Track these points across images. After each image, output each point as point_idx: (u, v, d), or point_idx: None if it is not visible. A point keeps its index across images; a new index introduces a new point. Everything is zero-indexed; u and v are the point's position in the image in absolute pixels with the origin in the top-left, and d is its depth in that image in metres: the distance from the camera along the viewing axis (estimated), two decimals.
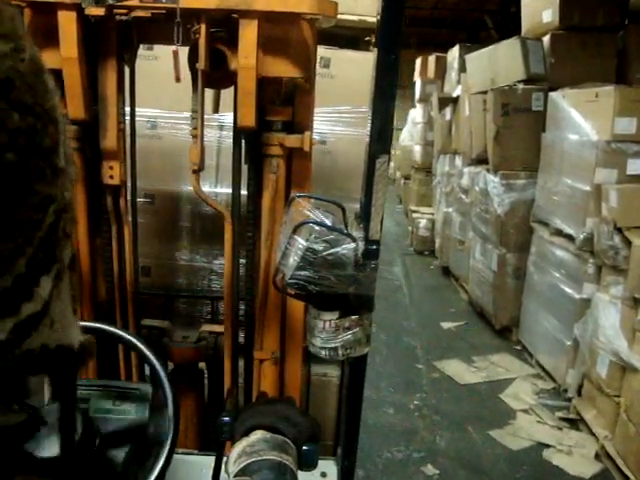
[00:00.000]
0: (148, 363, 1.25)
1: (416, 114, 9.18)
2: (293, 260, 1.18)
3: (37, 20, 1.41)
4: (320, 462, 1.26)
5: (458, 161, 6.41)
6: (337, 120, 2.32)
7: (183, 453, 1.59)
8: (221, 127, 2.23)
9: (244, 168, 1.62)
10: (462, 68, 6.22)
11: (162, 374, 1.23)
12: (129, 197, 1.71)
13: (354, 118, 2.32)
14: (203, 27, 1.37)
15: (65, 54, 1.39)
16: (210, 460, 1.29)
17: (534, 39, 4.84)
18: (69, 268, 0.60)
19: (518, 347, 4.97)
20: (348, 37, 2.43)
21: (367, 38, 2.46)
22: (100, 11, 1.35)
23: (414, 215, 8.20)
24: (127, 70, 1.60)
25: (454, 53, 6.94)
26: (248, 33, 1.36)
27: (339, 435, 1.48)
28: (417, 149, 8.89)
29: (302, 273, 1.18)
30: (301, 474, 1.12)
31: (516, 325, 5.03)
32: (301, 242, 1.18)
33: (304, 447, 1.14)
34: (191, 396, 2.01)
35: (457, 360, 4.74)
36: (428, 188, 8.37)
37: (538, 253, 4.59)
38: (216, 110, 1.66)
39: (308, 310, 1.29)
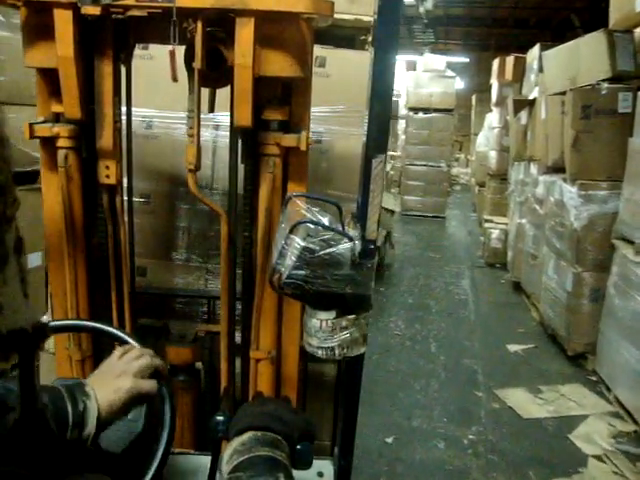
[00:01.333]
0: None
1: (492, 118, 8.88)
2: (290, 260, 1.18)
3: (33, 19, 1.41)
4: (317, 462, 1.26)
5: (533, 169, 5.98)
6: (333, 119, 2.32)
7: (179, 453, 1.59)
8: (217, 127, 2.22)
9: (240, 167, 1.62)
10: (542, 68, 5.72)
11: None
12: (125, 197, 1.71)
13: (350, 117, 2.32)
14: (199, 26, 1.37)
15: (61, 53, 1.39)
16: (206, 460, 1.29)
17: (623, 31, 4.32)
18: (16, 251, 0.60)
19: (593, 378, 4.36)
20: (344, 36, 2.43)
21: (363, 37, 2.47)
22: (96, 10, 1.35)
23: (487, 225, 7.79)
24: (123, 69, 1.59)
25: (534, 53, 6.33)
26: (244, 32, 1.36)
27: (336, 435, 1.48)
28: (492, 155, 8.53)
29: (299, 273, 1.18)
30: (297, 474, 1.12)
31: (592, 353, 4.46)
32: (298, 242, 1.18)
33: (298, 446, 1.14)
34: (187, 396, 2.01)
35: (522, 389, 4.22)
36: (503, 197, 7.95)
37: (620, 274, 4.05)
38: (212, 109, 1.66)
39: (305, 310, 1.29)
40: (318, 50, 2.14)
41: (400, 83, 11.62)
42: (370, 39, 2.37)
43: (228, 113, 1.52)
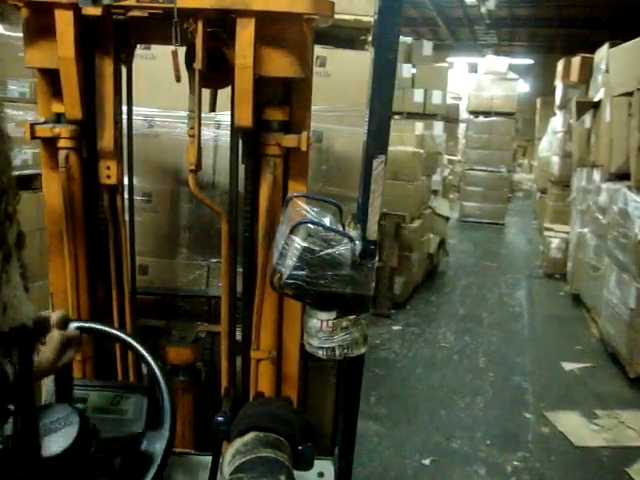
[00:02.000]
0: (145, 362, 1.25)
1: (556, 122, 8.47)
2: (290, 260, 1.18)
3: (34, 19, 1.41)
4: (317, 462, 1.26)
5: (596, 175, 5.60)
6: (334, 119, 2.32)
7: (180, 453, 1.59)
8: (218, 126, 2.22)
9: (241, 167, 1.62)
10: (608, 69, 5.33)
11: (159, 373, 1.23)
12: (126, 196, 1.71)
13: (350, 117, 2.32)
14: (200, 27, 1.37)
15: (62, 53, 1.39)
16: (207, 460, 1.29)
17: None
18: (17, 246, 0.60)
19: None
20: (344, 36, 2.43)
21: (363, 37, 2.47)
22: (97, 11, 1.35)
23: (547, 233, 7.35)
24: (124, 69, 1.59)
25: (602, 52, 5.84)
26: (245, 32, 1.36)
27: (336, 435, 1.48)
28: (555, 160, 8.10)
29: (299, 273, 1.18)
30: (298, 474, 1.12)
31: None
32: (298, 242, 1.18)
33: (300, 447, 1.14)
34: (188, 396, 2.01)
35: (575, 413, 3.78)
36: (565, 204, 7.45)
37: None
38: (213, 109, 1.66)
39: (305, 310, 1.29)
40: (318, 50, 2.14)
41: (461, 86, 11.44)
42: (370, 39, 2.37)
43: (229, 113, 1.53)
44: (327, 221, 1.22)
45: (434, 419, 3.69)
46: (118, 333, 1.35)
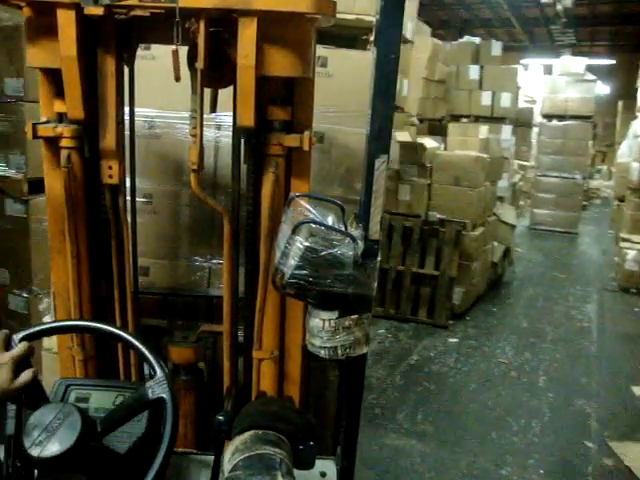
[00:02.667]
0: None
1: (637, 126, 7.90)
2: (292, 259, 1.18)
3: (36, 19, 1.41)
4: (319, 462, 1.26)
5: None
6: (335, 119, 2.32)
7: (182, 452, 1.59)
8: (219, 127, 2.23)
9: (243, 167, 1.62)
10: None
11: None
12: (128, 196, 1.71)
13: (352, 117, 2.32)
14: (202, 26, 1.37)
15: (64, 53, 1.39)
16: (209, 459, 1.30)
17: None
18: None
19: None
20: (345, 36, 2.43)
21: (364, 37, 2.47)
22: (99, 10, 1.35)
23: (623, 244, 6.84)
24: (126, 69, 1.60)
25: None
26: (247, 32, 1.36)
27: (338, 435, 1.48)
28: (635, 166, 7.46)
29: (301, 273, 1.18)
30: (300, 473, 1.12)
31: None
32: (300, 242, 1.18)
33: (301, 446, 1.14)
34: (190, 395, 2.01)
35: None
36: None
37: None
38: (213, 110, 1.66)
39: (307, 310, 1.29)
40: (320, 50, 2.14)
41: (536, 89, 10.77)
42: (372, 39, 2.37)
43: (231, 113, 1.53)
44: (329, 221, 1.23)
45: (484, 442, 3.40)
46: (63, 324, 1.35)
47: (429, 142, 5.51)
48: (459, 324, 5.22)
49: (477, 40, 7.51)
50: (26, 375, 1.10)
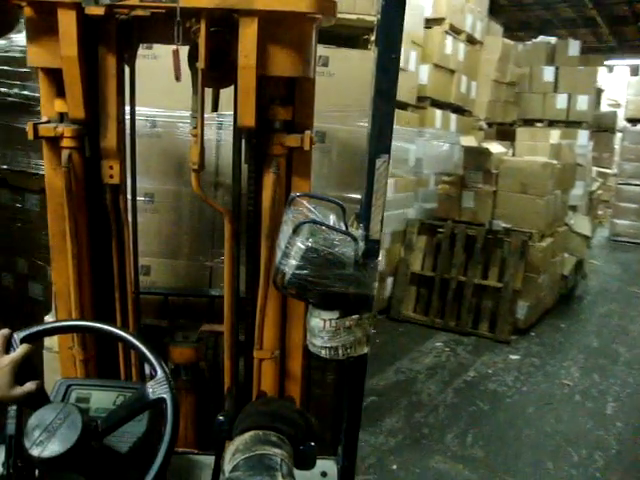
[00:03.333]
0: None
1: None
2: (293, 259, 1.18)
3: (37, 19, 1.41)
4: (320, 462, 1.26)
5: None
6: (336, 118, 2.32)
7: (183, 452, 1.59)
8: (220, 126, 2.23)
9: (244, 167, 1.62)
10: None
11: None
12: (129, 196, 1.71)
13: (353, 116, 2.32)
14: (203, 26, 1.37)
15: (65, 53, 1.39)
16: (210, 460, 1.29)
17: None
18: None
19: None
20: (347, 36, 2.43)
21: (365, 36, 2.47)
22: (100, 10, 1.35)
23: None
24: (127, 69, 1.59)
25: None
26: (248, 32, 1.36)
27: (339, 434, 1.48)
28: None
29: (302, 272, 1.17)
30: (301, 473, 1.12)
31: None
32: (301, 241, 1.18)
33: (302, 446, 1.14)
34: (191, 395, 2.01)
35: None
36: None
37: None
38: (215, 109, 1.66)
39: (308, 309, 1.29)
40: (321, 49, 2.14)
41: (620, 92, 10.02)
42: (373, 38, 2.37)
43: (232, 112, 1.53)
44: (330, 221, 1.22)
45: (538, 472, 3.06)
46: (65, 324, 1.35)
47: (495, 147, 5.32)
48: (522, 340, 4.87)
49: (553, 40, 7.09)
50: (29, 386, 1.09)
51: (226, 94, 1.58)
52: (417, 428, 3.39)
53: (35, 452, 1.00)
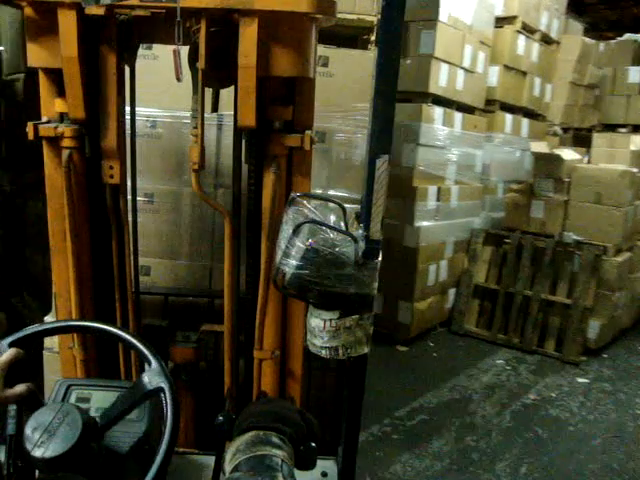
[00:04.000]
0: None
1: None
2: (293, 259, 1.18)
3: (37, 19, 1.41)
4: (320, 462, 1.26)
5: None
6: (336, 118, 2.32)
7: (183, 453, 1.59)
8: (220, 126, 2.23)
9: (244, 167, 1.62)
10: None
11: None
12: (129, 196, 1.71)
13: (353, 116, 2.32)
14: (203, 26, 1.37)
15: (65, 53, 1.39)
16: (210, 460, 1.29)
17: None
18: None
19: None
20: (347, 36, 2.43)
21: (365, 36, 2.47)
22: (100, 10, 1.35)
23: None
24: (127, 69, 1.59)
25: None
26: (248, 32, 1.36)
27: (340, 435, 1.48)
28: None
29: (302, 272, 1.17)
30: (301, 474, 1.12)
31: None
32: (302, 241, 1.18)
33: (302, 446, 1.14)
34: (191, 395, 2.01)
35: None
36: None
37: None
38: (215, 109, 1.66)
39: (308, 310, 1.29)
40: (321, 49, 2.14)
41: None
42: (373, 38, 2.37)
43: (231, 112, 1.53)
44: (330, 221, 1.22)
45: None
46: (50, 326, 1.33)
47: (568, 153, 4.98)
48: (593, 362, 4.45)
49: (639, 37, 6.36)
50: (20, 389, 1.08)
51: (226, 94, 1.58)
52: (466, 453, 3.11)
53: (36, 453, 1.00)
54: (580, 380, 4.16)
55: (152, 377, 1.11)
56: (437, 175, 4.47)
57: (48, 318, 2.15)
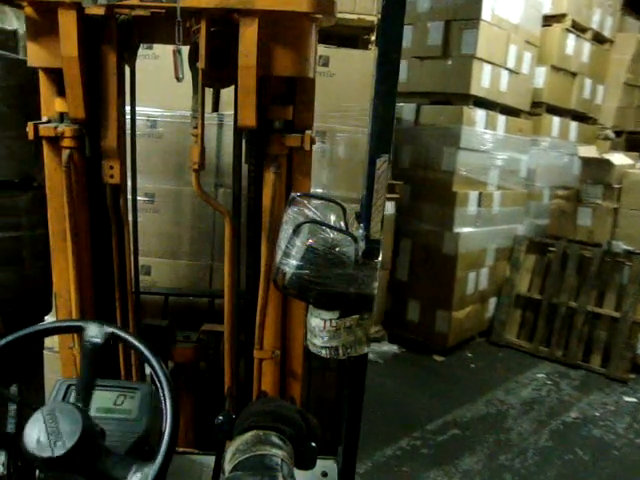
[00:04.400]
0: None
1: None
2: (294, 259, 1.18)
3: (38, 19, 1.41)
4: (320, 462, 1.26)
5: None
6: (337, 118, 2.32)
7: (183, 452, 1.59)
8: (220, 126, 2.23)
9: (244, 167, 1.62)
10: None
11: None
12: (129, 196, 1.71)
13: (353, 116, 2.32)
14: (203, 26, 1.37)
15: (65, 53, 1.39)
16: (210, 460, 1.29)
17: None
18: None
19: None
20: (347, 35, 2.43)
21: (366, 36, 2.47)
22: (100, 10, 1.35)
23: None
24: (127, 69, 1.59)
25: None
26: (248, 32, 1.36)
27: (340, 434, 1.48)
28: None
29: (302, 272, 1.18)
30: (302, 473, 1.12)
31: None
32: (302, 241, 1.18)
33: (302, 446, 1.14)
34: (191, 395, 2.01)
35: None
36: None
37: None
38: (215, 109, 1.66)
39: (309, 309, 1.29)
40: (321, 49, 2.14)
41: None
42: (373, 38, 2.37)
43: (232, 112, 1.53)
44: (330, 221, 1.22)
45: None
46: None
47: (619, 158, 4.76)
48: None
49: None
50: None
51: (226, 94, 1.58)
52: (498, 473, 2.93)
53: (36, 452, 1.00)
54: (627, 399, 3.91)
55: (95, 329, 1.12)
56: (479, 180, 4.35)
57: (48, 318, 2.15)
